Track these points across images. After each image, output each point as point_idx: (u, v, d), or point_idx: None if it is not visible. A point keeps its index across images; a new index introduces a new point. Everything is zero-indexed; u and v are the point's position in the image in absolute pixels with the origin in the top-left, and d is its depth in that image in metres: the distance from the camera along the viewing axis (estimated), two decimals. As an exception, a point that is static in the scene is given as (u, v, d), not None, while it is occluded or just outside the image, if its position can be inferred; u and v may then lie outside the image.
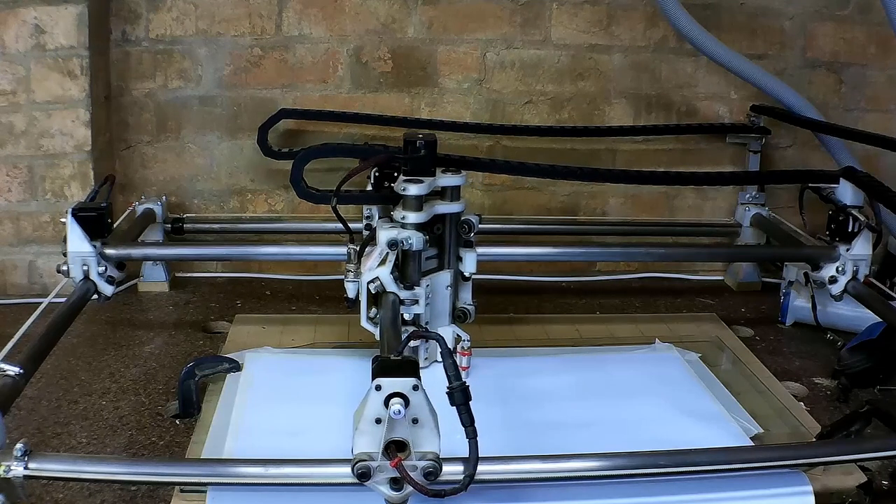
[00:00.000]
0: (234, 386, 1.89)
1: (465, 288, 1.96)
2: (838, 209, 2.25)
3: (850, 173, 2.28)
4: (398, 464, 1.30)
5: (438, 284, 1.90)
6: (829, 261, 2.21)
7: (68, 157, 2.43)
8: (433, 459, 1.32)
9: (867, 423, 1.68)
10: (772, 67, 2.68)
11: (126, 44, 2.54)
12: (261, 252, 2.42)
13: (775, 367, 2.13)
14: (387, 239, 1.79)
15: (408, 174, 1.81)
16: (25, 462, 1.33)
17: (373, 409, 1.30)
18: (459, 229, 1.89)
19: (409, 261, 1.83)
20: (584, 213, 2.81)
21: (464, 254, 1.90)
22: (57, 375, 1.99)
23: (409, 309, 1.82)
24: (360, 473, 1.31)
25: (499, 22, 2.64)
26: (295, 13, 2.58)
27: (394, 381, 1.29)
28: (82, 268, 2.05)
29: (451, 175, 1.85)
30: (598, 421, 1.77)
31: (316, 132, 2.64)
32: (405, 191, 1.78)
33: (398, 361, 1.35)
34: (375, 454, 1.31)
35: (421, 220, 1.80)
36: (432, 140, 1.84)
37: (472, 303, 1.98)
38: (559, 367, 2.03)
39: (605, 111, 2.75)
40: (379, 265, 1.79)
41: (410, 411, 1.29)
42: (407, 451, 1.32)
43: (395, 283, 1.79)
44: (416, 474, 1.31)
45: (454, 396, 1.33)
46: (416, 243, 1.79)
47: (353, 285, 1.82)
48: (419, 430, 1.31)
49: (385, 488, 1.34)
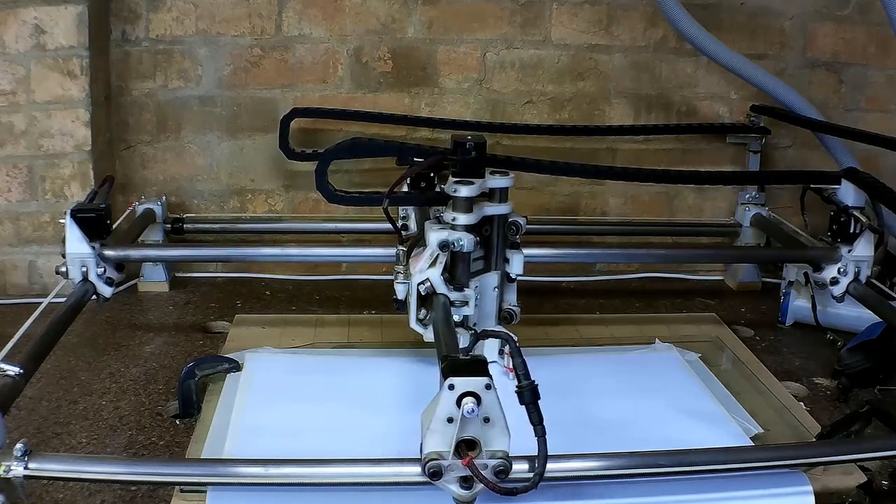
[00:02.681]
0: (234, 386, 1.89)
1: (511, 289, 1.95)
2: (840, 210, 2.24)
3: (851, 174, 2.27)
4: (470, 462, 1.31)
5: (486, 286, 1.89)
6: (831, 262, 2.20)
7: (68, 157, 2.43)
8: (503, 458, 1.33)
9: (867, 423, 1.68)
10: (772, 67, 2.68)
11: (126, 44, 2.54)
12: (260, 254, 2.41)
13: (775, 367, 2.13)
14: (438, 240, 1.77)
15: (457, 175, 1.80)
16: (25, 462, 1.33)
17: (445, 408, 1.30)
18: (507, 231, 1.88)
19: (458, 262, 1.81)
20: (584, 213, 2.82)
21: (511, 255, 1.89)
22: (57, 375, 1.99)
23: (458, 310, 1.81)
24: (431, 473, 1.32)
25: (499, 22, 2.64)
26: (295, 13, 2.58)
27: (467, 380, 1.30)
28: (81, 269, 2.04)
29: (500, 177, 1.84)
30: (598, 421, 1.77)
31: (320, 131, 2.63)
32: (456, 192, 1.77)
33: (468, 361, 1.36)
34: (446, 453, 1.32)
35: (471, 222, 1.78)
36: (482, 142, 1.82)
37: (516, 304, 1.96)
38: (559, 366, 2.03)
39: (605, 111, 2.75)
40: (429, 267, 1.78)
41: (482, 410, 1.30)
42: (477, 450, 1.33)
43: (444, 285, 1.79)
44: (488, 472, 1.32)
45: (524, 395, 1.34)
46: (467, 245, 1.77)
47: (402, 287, 1.81)
48: (490, 428, 1.32)
49: (455, 487, 1.34)
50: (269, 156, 2.64)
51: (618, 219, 2.81)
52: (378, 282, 2.63)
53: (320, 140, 2.62)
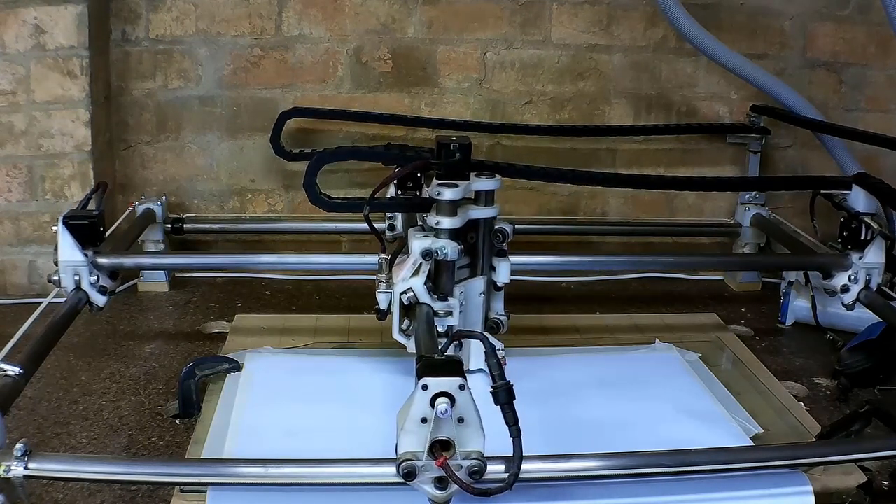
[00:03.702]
0: (234, 386, 1.88)
1: (497, 298, 1.91)
2: (851, 216, 2.16)
3: (862, 179, 2.21)
4: (444, 463, 1.30)
5: (471, 292, 1.84)
6: (842, 269, 2.12)
7: (68, 157, 2.43)
8: (478, 458, 1.32)
9: (867, 423, 1.67)
10: (772, 67, 2.68)
11: (126, 44, 2.54)
12: (258, 261, 2.41)
13: (775, 367, 2.13)
14: (420, 249, 1.72)
15: (441, 178, 1.75)
16: (25, 462, 1.32)
17: (419, 408, 1.30)
18: (493, 238, 1.84)
19: (442, 271, 1.76)
20: (584, 214, 2.82)
21: (497, 263, 1.85)
22: (57, 375, 1.99)
23: (442, 321, 1.76)
24: (405, 473, 1.32)
25: (499, 22, 2.64)
26: (295, 13, 2.58)
27: (440, 380, 1.29)
28: (74, 277, 1.97)
29: (486, 179, 1.79)
30: (598, 421, 1.77)
31: (319, 131, 2.63)
32: (440, 195, 1.72)
33: (442, 361, 1.35)
34: (420, 454, 1.31)
35: (456, 226, 1.74)
36: (467, 143, 1.79)
37: (504, 313, 1.92)
38: (559, 367, 2.03)
39: (605, 111, 2.75)
40: (412, 276, 1.74)
41: (456, 410, 1.30)
42: (451, 451, 1.32)
43: (428, 294, 1.74)
44: (462, 473, 1.32)
45: (498, 395, 1.33)
46: (451, 253, 1.73)
47: (384, 296, 1.76)
48: (464, 429, 1.31)
49: (430, 487, 1.34)
50: (269, 156, 2.63)
51: (618, 219, 2.81)
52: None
53: (320, 140, 2.63)
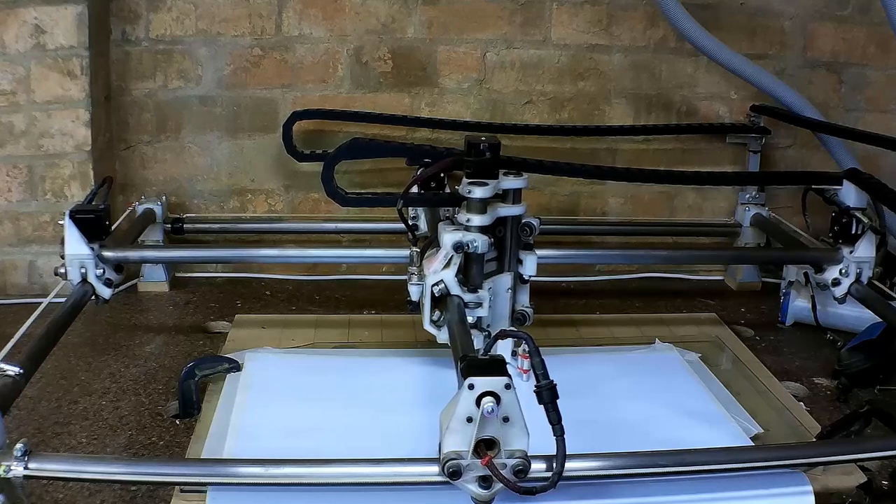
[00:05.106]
0: (234, 386, 1.89)
1: (523, 291, 1.95)
2: (841, 211, 2.22)
3: (853, 175, 2.25)
4: (489, 461, 1.31)
5: (500, 287, 1.89)
6: (832, 263, 2.17)
7: (68, 157, 2.43)
8: (522, 457, 1.33)
9: (867, 423, 1.68)
10: (772, 67, 2.68)
11: (126, 44, 2.54)
12: (259, 254, 2.40)
13: (775, 367, 2.13)
14: (452, 242, 1.77)
15: (471, 176, 1.79)
16: (25, 462, 1.33)
17: (464, 407, 1.31)
18: (520, 232, 1.88)
19: (472, 263, 1.81)
20: (584, 213, 2.81)
21: (524, 256, 1.89)
22: (57, 375, 1.99)
23: (472, 312, 1.81)
24: (451, 472, 1.33)
25: (499, 22, 2.64)
26: (295, 13, 2.58)
27: (487, 380, 1.30)
28: (80, 270, 2.02)
29: (514, 178, 1.83)
30: (598, 421, 1.77)
31: (318, 131, 2.63)
32: (470, 193, 1.76)
33: (487, 360, 1.37)
34: (465, 453, 1.32)
35: (485, 223, 1.78)
36: (496, 143, 1.82)
37: (529, 305, 1.96)
38: (559, 367, 2.01)
39: (605, 111, 2.75)
40: (444, 268, 1.78)
41: (501, 409, 1.31)
42: (496, 450, 1.33)
43: (459, 286, 1.79)
44: (507, 472, 1.33)
45: (542, 395, 1.34)
46: (482, 246, 1.77)
47: (416, 288, 1.81)
48: (509, 428, 1.33)
49: (474, 486, 1.35)
50: (269, 156, 2.64)
51: (618, 219, 2.81)
52: (378, 282, 2.63)
53: (320, 140, 2.62)
